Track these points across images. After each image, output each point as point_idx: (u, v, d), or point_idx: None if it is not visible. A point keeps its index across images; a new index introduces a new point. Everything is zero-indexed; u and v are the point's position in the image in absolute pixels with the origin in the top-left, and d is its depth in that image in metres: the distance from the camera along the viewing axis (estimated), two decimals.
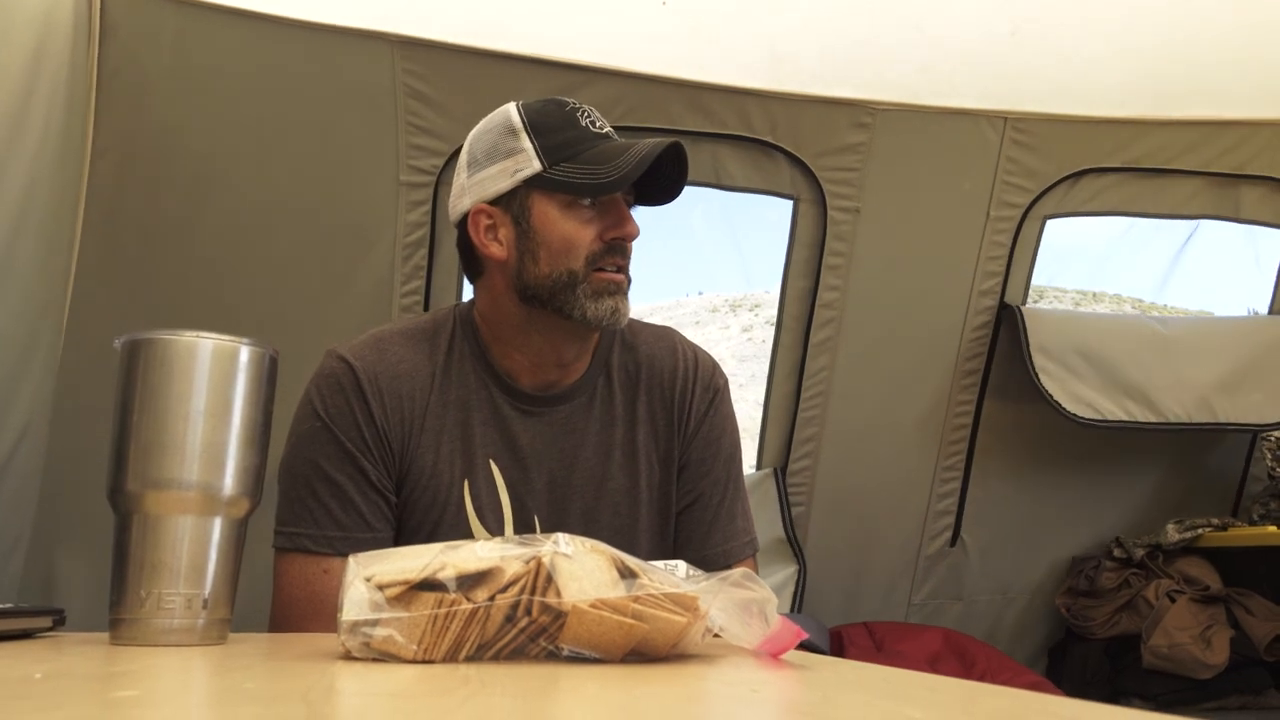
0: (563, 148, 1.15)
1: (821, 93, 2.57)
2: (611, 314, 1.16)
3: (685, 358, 1.30)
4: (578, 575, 0.65)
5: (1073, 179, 2.78)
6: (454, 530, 1.17)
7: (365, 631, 0.63)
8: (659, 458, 1.26)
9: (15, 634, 0.76)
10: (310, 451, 1.15)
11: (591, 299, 1.15)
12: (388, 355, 1.19)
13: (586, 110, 1.20)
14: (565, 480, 1.21)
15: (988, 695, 0.59)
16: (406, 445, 1.17)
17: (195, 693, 0.55)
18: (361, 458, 1.15)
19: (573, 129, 1.17)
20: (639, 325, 1.33)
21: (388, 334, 1.23)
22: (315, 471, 1.14)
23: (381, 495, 1.16)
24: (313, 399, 1.17)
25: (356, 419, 1.15)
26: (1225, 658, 2.54)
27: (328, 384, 1.17)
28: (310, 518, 1.13)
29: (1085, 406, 2.77)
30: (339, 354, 1.19)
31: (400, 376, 1.18)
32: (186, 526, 0.74)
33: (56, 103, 1.97)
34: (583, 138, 1.16)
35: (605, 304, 1.16)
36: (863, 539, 2.89)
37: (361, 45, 2.30)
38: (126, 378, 0.76)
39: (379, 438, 1.16)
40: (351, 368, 1.17)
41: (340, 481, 1.14)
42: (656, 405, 1.27)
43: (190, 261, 2.32)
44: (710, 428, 1.28)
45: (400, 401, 1.18)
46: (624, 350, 1.29)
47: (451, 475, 1.18)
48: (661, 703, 0.53)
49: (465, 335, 1.24)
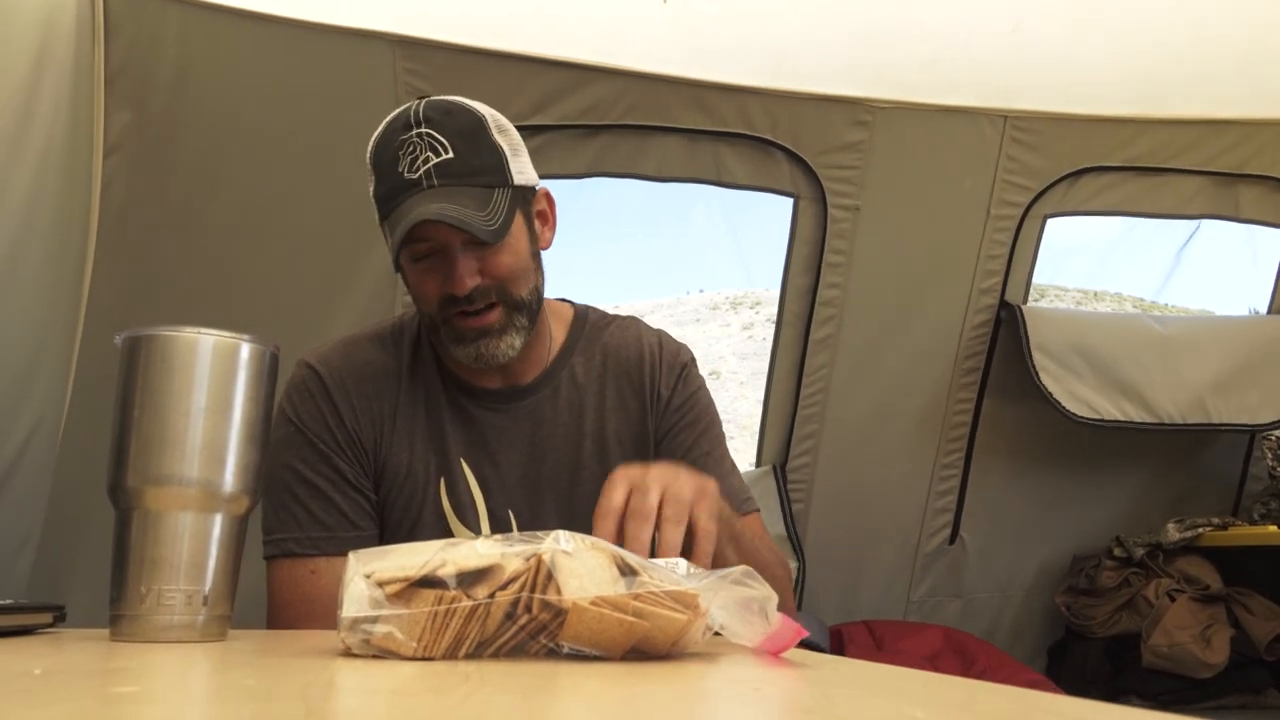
0: (386, 199, 1.12)
1: (822, 91, 2.57)
2: (474, 359, 1.14)
3: (648, 340, 1.31)
4: (578, 572, 0.65)
5: (1072, 178, 2.78)
6: (432, 528, 1.18)
7: (365, 628, 0.63)
8: (631, 440, 1.25)
9: (15, 630, 0.76)
10: (286, 457, 1.16)
11: (455, 344, 1.15)
12: (354, 358, 1.21)
13: (410, 145, 1.09)
14: (537, 473, 1.22)
15: (988, 693, 0.59)
16: (379, 444, 1.19)
17: (195, 689, 0.55)
18: (336, 458, 1.16)
19: (391, 175, 1.10)
20: (605, 316, 1.34)
21: (353, 338, 1.25)
22: (293, 476, 1.16)
23: (361, 493, 1.18)
24: (284, 407, 1.19)
25: (327, 421, 1.17)
26: (1225, 657, 2.54)
27: (297, 391, 1.19)
28: (294, 521, 1.15)
29: (1083, 405, 2.77)
30: (306, 361, 1.21)
31: (367, 378, 1.20)
32: (187, 523, 0.74)
33: (61, 103, 1.97)
34: (397, 187, 1.10)
35: (467, 350, 1.14)
36: (862, 536, 2.90)
37: (363, 45, 2.30)
38: (127, 374, 0.76)
39: (350, 438, 1.17)
40: (318, 373, 1.19)
41: (318, 483, 1.16)
42: (625, 389, 1.27)
43: (194, 260, 2.32)
44: (682, 399, 1.27)
45: (369, 402, 1.19)
46: (588, 343, 1.29)
47: (427, 473, 1.19)
48: (661, 701, 0.53)
49: (426, 338, 1.25)
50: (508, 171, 1.14)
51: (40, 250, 1.96)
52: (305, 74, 2.30)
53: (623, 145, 2.55)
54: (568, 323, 1.31)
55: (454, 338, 1.15)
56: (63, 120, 1.98)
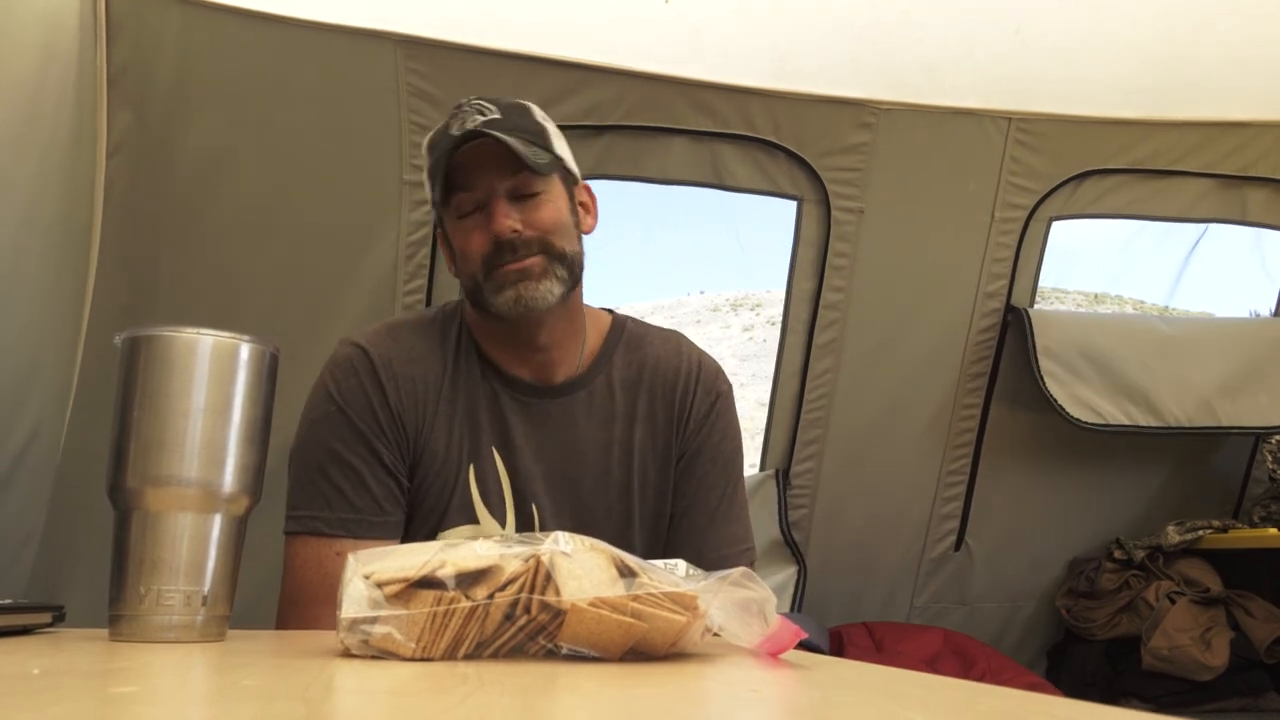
0: (434, 170, 1.20)
1: (825, 92, 2.57)
2: (514, 302, 1.17)
3: (689, 360, 1.31)
4: (577, 574, 0.65)
5: (1077, 180, 2.77)
6: (460, 514, 1.19)
7: (364, 629, 0.63)
8: (656, 455, 1.26)
9: (14, 630, 0.76)
10: (324, 435, 1.16)
11: (495, 294, 1.18)
12: (401, 342, 1.22)
13: (462, 112, 1.19)
14: (562, 473, 1.23)
15: (987, 696, 0.59)
16: (420, 429, 1.19)
17: (194, 689, 0.55)
18: (375, 440, 1.16)
19: (442, 143, 1.18)
20: (646, 327, 1.35)
21: (401, 323, 1.27)
22: (329, 455, 1.15)
23: (394, 478, 1.17)
24: (327, 384, 1.19)
25: (371, 402, 1.17)
26: (1225, 660, 2.53)
27: (342, 369, 1.19)
28: (323, 500, 1.14)
29: (1088, 410, 2.76)
30: (353, 340, 1.21)
31: (414, 362, 1.21)
32: (186, 523, 0.74)
33: (65, 102, 1.97)
34: (446, 150, 1.17)
35: (506, 295, 1.17)
36: (866, 542, 2.88)
37: (365, 44, 2.30)
38: (127, 374, 0.76)
39: (393, 420, 1.17)
40: (366, 352, 1.19)
41: (354, 464, 1.15)
42: (658, 404, 1.28)
43: (195, 260, 2.33)
44: (710, 431, 1.28)
45: (414, 386, 1.20)
46: (628, 350, 1.30)
47: (459, 461, 1.20)
48: (660, 702, 0.53)
49: (468, 329, 1.27)
50: (551, 142, 1.21)
51: (43, 249, 1.96)
52: (307, 74, 2.31)
53: (625, 146, 2.55)
54: (604, 330, 1.32)
55: (495, 288, 1.17)
56: (66, 119, 1.99)
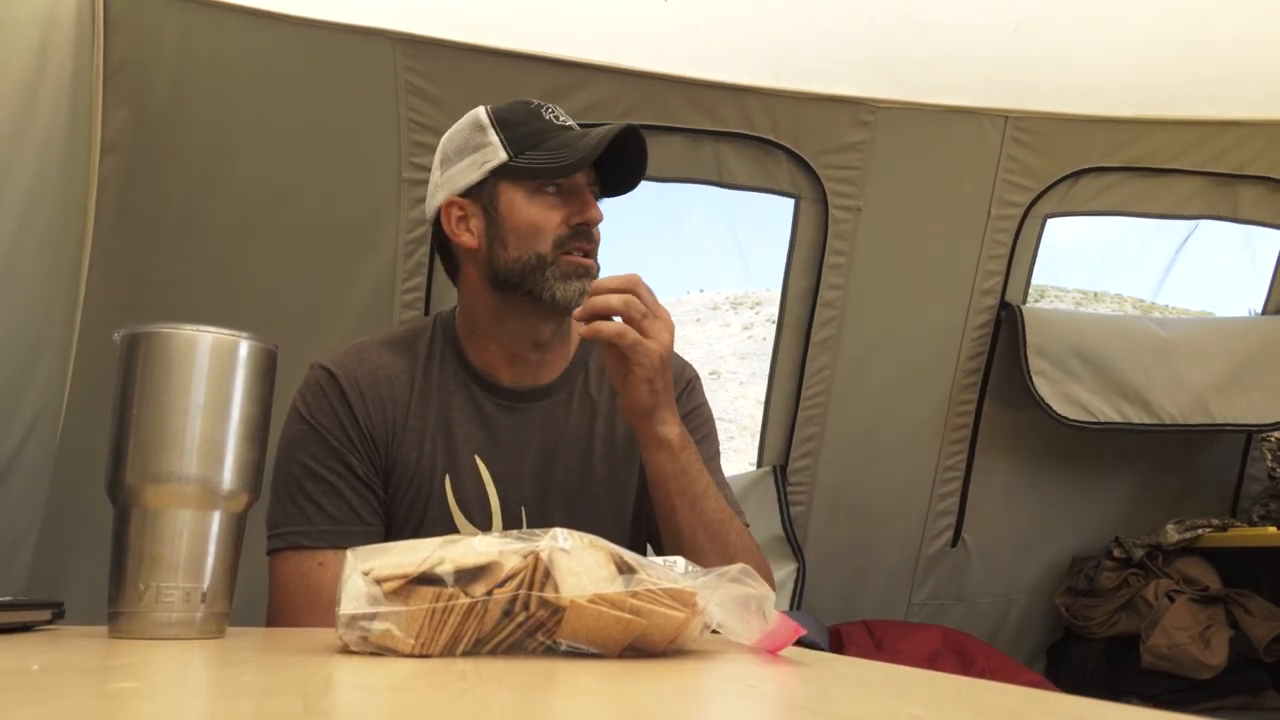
0: (527, 138, 1.21)
1: (823, 90, 2.57)
2: (579, 295, 1.19)
3: None
4: (576, 570, 0.65)
5: (1073, 178, 2.77)
6: (439, 525, 1.21)
7: (363, 625, 0.63)
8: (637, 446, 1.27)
9: (14, 627, 0.76)
10: (297, 453, 1.19)
11: (560, 280, 1.19)
12: (367, 361, 1.25)
13: (550, 107, 1.25)
14: (548, 473, 1.25)
15: (987, 692, 0.59)
16: (390, 443, 1.22)
17: (193, 685, 0.55)
18: (347, 454, 1.19)
19: (536, 121, 1.22)
20: None
21: (366, 343, 1.29)
22: (304, 471, 1.18)
23: (369, 488, 1.20)
24: (298, 406, 1.22)
25: (340, 419, 1.20)
26: (1224, 658, 2.54)
27: (311, 391, 1.23)
28: (302, 515, 1.17)
29: (1079, 408, 2.76)
30: (321, 364, 1.25)
31: (380, 381, 1.24)
32: (185, 520, 0.74)
33: (61, 100, 1.97)
34: (546, 129, 1.21)
35: (574, 286, 1.19)
36: (863, 539, 2.89)
37: (363, 43, 2.29)
38: (126, 371, 0.76)
39: (363, 435, 1.21)
40: (333, 374, 1.23)
41: (329, 478, 1.18)
42: None
43: (193, 259, 2.32)
44: (684, 411, 1.30)
45: (382, 403, 1.23)
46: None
47: (433, 472, 1.22)
48: (659, 698, 0.53)
49: (445, 339, 1.29)
50: None
51: (39, 246, 1.96)
52: (305, 72, 2.30)
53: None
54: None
55: (561, 275, 1.19)
56: (63, 117, 1.98)
